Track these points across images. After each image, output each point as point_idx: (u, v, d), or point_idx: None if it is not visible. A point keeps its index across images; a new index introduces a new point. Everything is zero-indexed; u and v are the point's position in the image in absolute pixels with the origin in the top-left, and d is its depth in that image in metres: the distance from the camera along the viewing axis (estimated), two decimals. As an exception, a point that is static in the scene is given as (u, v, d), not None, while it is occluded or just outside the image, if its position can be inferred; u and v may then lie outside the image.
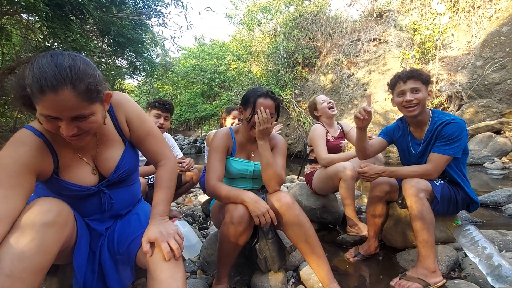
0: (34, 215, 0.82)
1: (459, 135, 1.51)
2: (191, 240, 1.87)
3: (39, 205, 0.85)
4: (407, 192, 1.51)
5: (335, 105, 2.48)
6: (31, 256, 0.77)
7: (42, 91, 0.76)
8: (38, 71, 0.77)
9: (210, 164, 1.45)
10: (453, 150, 1.52)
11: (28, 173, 0.88)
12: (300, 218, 1.31)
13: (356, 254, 1.80)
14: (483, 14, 7.35)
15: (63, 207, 0.90)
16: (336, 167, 2.08)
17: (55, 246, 0.84)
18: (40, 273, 0.80)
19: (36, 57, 0.81)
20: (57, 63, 0.78)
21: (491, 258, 1.36)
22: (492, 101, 6.32)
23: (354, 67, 8.60)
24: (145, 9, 6.11)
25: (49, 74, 0.76)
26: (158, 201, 1.07)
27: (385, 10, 9.21)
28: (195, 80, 16.07)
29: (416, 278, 1.41)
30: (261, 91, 1.45)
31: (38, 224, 0.81)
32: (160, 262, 0.92)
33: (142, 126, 1.13)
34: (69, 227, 0.91)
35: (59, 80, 0.77)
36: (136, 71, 7.20)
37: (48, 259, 0.82)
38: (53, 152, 0.96)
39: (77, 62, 0.82)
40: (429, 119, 1.64)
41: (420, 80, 1.58)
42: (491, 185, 3.81)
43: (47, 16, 3.86)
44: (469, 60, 6.99)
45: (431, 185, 1.53)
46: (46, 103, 0.78)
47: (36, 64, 0.78)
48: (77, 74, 0.80)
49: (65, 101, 0.79)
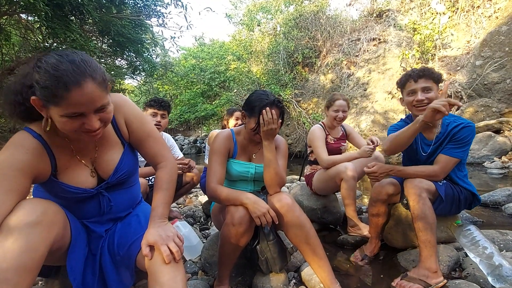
0: (17, 216, 0.81)
1: (470, 139, 1.52)
2: (192, 241, 1.87)
3: (23, 206, 0.84)
4: (409, 192, 1.50)
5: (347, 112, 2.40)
6: (15, 257, 0.76)
7: (67, 88, 0.78)
8: (55, 71, 0.78)
9: (211, 167, 1.44)
10: (463, 153, 1.53)
11: (23, 177, 0.88)
12: (300, 219, 1.31)
13: (363, 256, 1.79)
14: (483, 13, 7.35)
15: (48, 206, 0.89)
16: (338, 167, 2.08)
17: (41, 245, 0.82)
18: (27, 273, 0.78)
19: (38, 61, 0.81)
20: (69, 59, 0.80)
21: (492, 258, 1.37)
22: (491, 100, 6.33)
23: (354, 66, 8.60)
24: (145, 9, 6.10)
25: (68, 70, 0.78)
26: (157, 203, 1.06)
27: (384, 9, 9.21)
28: (195, 80, 16.06)
29: (418, 279, 1.40)
30: (267, 100, 1.38)
31: (22, 224, 0.80)
32: (160, 265, 0.92)
33: (142, 128, 1.12)
34: (57, 227, 0.90)
35: (79, 74, 0.79)
36: (136, 71, 7.19)
37: (35, 259, 0.80)
38: (51, 154, 0.95)
39: (84, 56, 0.84)
40: (440, 121, 1.61)
41: (432, 79, 1.55)
42: (491, 184, 3.82)
43: (46, 16, 3.85)
44: (469, 59, 7.00)
45: (435, 185, 1.53)
46: (72, 99, 0.79)
47: (46, 65, 0.79)
48: (90, 66, 0.83)
49: (90, 93, 0.81)
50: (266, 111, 1.33)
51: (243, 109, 1.50)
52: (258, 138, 1.44)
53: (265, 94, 1.42)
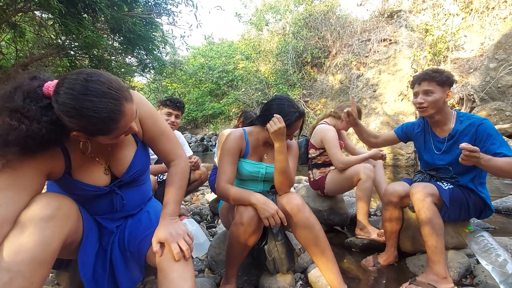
0: (32, 210, 0.83)
1: (494, 131, 1.49)
2: (199, 238, 1.88)
3: (38, 200, 0.85)
4: (414, 197, 1.49)
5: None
6: (29, 250, 0.77)
7: (116, 121, 0.84)
8: (98, 114, 0.79)
9: (221, 166, 1.44)
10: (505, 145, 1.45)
11: (38, 175, 0.89)
12: (310, 220, 1.30)
13: (375, 263, 1.75)
14: (497, 15, 7.19)
15: (63, 201, 0.90)
16: (356, 168, 2.07)
17: (55, 239, 0.84)
18: (41, 267, 0.80)
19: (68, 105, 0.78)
20: (98, 93, 0.79)
21: (505, 266, 1.34)
22: (505, 104, 6.19)
23: (364, 67, 8.52)
24: (156, 7, 6.15)
25: (109, 108, 0.81)
26: (168, 200, 1.07)
27: (396, 10, 9.09)
28: (203, 79, 16.12)
29: (426, 283, 1.38)
30: (298, 112, 1.41)
31: (37, 218, 0.81)
32: (170, 261, 0.93)
33: (156, 126, 1.13)
34: (71, 221, 0.91)
35: (118, 105, 0.83)
36: (146, 69, 7.25)
37: (48, 253, 0.81)
38: (65, 152, 0.96)
39: (103, 79, 0.82)
40: (454, 119, 1.62)
41: (435, 82, 1.55)
42: (503, 190, 3.73)
43: (60, 13, 3.92)
44: (482, 62, 6.85)
45: (439, 189, 1.51)
46: (121, 126, 0.86)
47: (87, 111, 0.78)
48: (117, 88, 0.84)
49: (131, 114, 0.88)
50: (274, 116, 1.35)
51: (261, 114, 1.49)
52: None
53: (291, 102, 1.44)
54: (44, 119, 0.80)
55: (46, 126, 0.80)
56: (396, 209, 1.71)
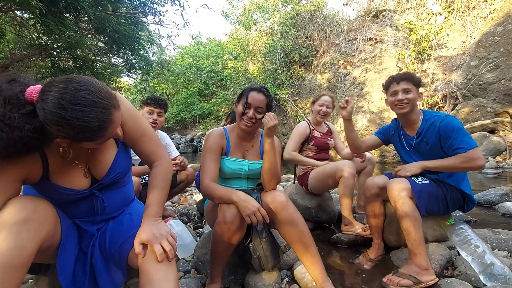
0: (7, 213, 0.81)
1: (459, 126, 1.56)
2: (185, 239, 1.86)
3: (13, 203, 0.83)
4: (390, 193, 1.55)
5: (332, 109, 2.48)
6: (3, 254, 0.76)
7: (105, 129, 0.84)
8: (86, 123, 0.78)
9: (204, 164, 1.44)
10: (467, 139, 1.53)
11: (13, 181, 0.87)
12: (294, 217, 1.31)
13: (369, 260, 1.76)
14: (478, 14, 7.41)
15: (39, 204, 0.88)
16: (337, 165, 2.11)
17: (31, 243, 0.82)
18: (16, 271, 0.78)
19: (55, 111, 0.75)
20: (88, 103, 0.78)
21: (484, 256, 1.38)
22: (486, 100, 6.38)
23: (351, 66, 8.64)
24: (141, 6, 6.04)
25: (99, 117, 0.80)
26: (151, 201, 1.05)
27: (381, 9, 9.24)
28: (192, 79, 16.00)
29: (408, 274, 1.42)
30: (254, 86, 1.48)
31: (11, 222, 0.79)
32: (153, 262, 0.91)
33: (136, 127, 1.10)
34: (48, 224, 0.89)
35: (108, 113, 0.82)
36: (132, 69, 7.12)
37: (24, 257, 0.80)
38: (43, 156, 0.93)
39: (91, 87, 0.80)
40: (421, 117, 1.73)
41: (412, 82, 1.70)
42: (485, 183, 3.85)
43: (41, 12, 3.81)
44: (464, 60, 7.04)
45: (411, 184, 1.55)
46: (108, 133, 0.86)
47: (77, 122, 0.77)
48: (105, 96, 0.83)
49: (118, 121, 0.89)
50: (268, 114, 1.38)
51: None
52: (242, 125, 1.45)
53: (253, 83, 1.48)
54: (27, 127, 0.77)
55: (28, 134, 0.78)
56: (378, 202, 1.75)
